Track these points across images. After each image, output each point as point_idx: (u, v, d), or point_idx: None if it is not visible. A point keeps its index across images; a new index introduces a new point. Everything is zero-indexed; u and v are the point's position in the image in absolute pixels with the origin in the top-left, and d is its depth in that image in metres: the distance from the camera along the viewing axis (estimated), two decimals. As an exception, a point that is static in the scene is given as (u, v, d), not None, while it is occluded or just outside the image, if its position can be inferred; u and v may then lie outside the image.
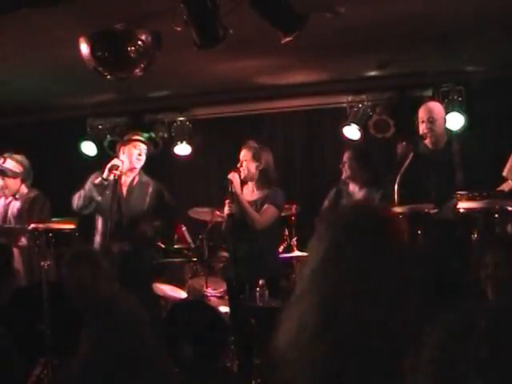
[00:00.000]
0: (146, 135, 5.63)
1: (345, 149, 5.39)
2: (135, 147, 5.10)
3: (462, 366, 0.73)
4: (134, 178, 5.13)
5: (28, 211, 5.33)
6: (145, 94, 6.66)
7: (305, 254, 4.93)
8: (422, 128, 4.53)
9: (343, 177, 5.16)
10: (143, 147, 5.14)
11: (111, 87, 5.60)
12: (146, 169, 5.24)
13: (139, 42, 4.06)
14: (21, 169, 5.40)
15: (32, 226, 4.90)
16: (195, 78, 5.93)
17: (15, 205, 5.40)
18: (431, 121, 4.51)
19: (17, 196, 5.41)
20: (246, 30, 4.08)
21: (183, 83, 6.20)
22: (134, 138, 5.17)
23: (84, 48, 4.12)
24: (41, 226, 4.79)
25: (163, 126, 6.95)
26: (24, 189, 5.44)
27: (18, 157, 5.42)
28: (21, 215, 5.34)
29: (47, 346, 4.50)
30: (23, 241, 5.21)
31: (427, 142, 4.56)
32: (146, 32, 4.11)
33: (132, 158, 5.06)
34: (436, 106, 4.73)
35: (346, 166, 5.12)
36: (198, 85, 6.29)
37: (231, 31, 3.72)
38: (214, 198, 5.92)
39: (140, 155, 5.10)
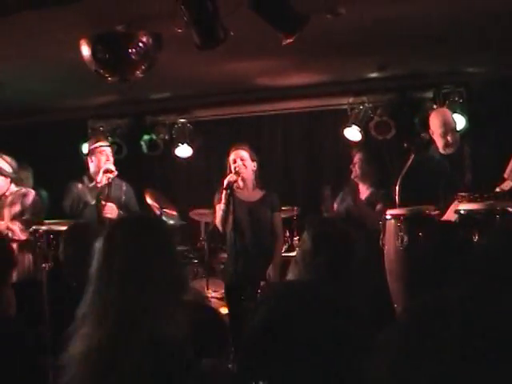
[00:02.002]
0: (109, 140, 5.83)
1: (353, 150, 5.37)
2: (101, 153, 5.23)
3: (434, 344, 0.74)
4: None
5: (19, 207, 5.37)
6: (146, 95, 6.66)
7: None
8: (446, 140, 4.59)
9: (353, 176, 5.16)
10: (108, 150, 5.29)
11: (112, 89, 5.60)
12: (147, 170, 5.24)
13: (140, 44, 4.07)
14: (11, 169, 5.45)
15: (33, 227, 4.91)
16: (196, 79, 5.92)
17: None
18: (453, 132, 4.63)
19: (7, 194, 5.44)
20: (247, 32, 4.08)
21: (184, 85, 6.20)
22: (96, 146, 5.30)
23: (85, 50, 4.13)
24: (42, 227, 4.79)
25: (164, 127, 6.96)
26: (13, 188, 5.48)
27: (7, 157, 5.47)
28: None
29: (47, 347, 4.48)
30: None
31: (441, 147, 4.60)
32: (147, 34, 4.11)
33: (100, 163, 5.17)
34: (450, 116, 4.82)
35: (357, 166, 5.12)
36: (198, 86, 6.28)
37: (232, 33, 3.73)
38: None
39: (108, 160, 5.22)
